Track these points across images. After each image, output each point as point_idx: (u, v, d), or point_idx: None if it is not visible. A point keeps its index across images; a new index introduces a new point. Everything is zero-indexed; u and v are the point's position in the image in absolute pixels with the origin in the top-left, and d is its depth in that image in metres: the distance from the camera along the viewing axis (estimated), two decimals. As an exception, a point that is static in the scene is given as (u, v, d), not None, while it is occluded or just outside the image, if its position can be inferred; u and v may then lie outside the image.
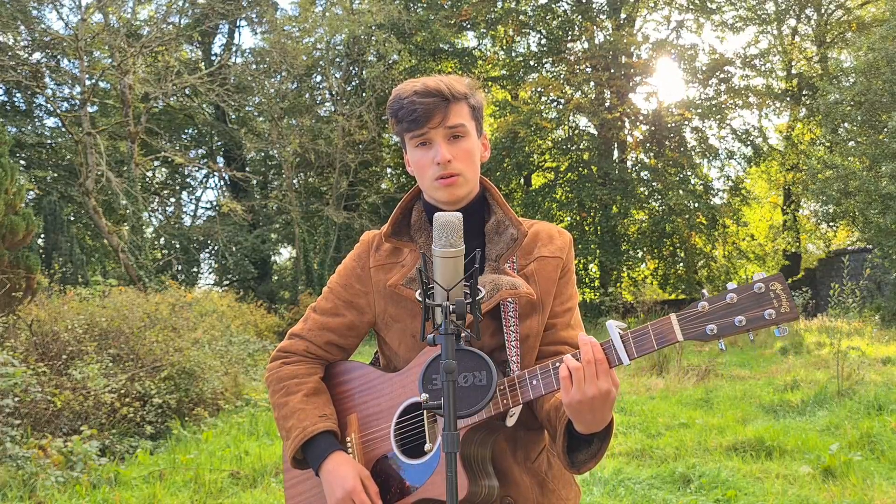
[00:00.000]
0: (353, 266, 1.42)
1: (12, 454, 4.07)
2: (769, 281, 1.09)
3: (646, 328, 1.15)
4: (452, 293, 1.18)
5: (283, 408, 1.38)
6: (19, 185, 6.50)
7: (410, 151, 1.34)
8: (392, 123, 1.35)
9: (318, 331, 1.43)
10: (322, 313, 1.44)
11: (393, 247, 1.39)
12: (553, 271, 1.39)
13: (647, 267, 19.87)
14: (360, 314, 1.41)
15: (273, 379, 1.43)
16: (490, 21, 19.52)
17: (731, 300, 1.10)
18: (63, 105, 17.59)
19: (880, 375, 7.15)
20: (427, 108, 1.28)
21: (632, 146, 19.54)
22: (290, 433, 1.35)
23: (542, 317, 1.36)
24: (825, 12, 20.45)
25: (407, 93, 1.30)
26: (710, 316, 1.11)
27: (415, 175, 1.37)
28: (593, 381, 1.13)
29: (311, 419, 1.34)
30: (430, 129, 1.29)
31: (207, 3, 17.21)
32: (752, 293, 1.09)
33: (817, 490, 3.85)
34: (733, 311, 1.09)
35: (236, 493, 4.15)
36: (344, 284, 1.42)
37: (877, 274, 14.75)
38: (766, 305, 1.08)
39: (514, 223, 1.36)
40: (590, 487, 3.97)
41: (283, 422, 1.37)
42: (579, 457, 1.24)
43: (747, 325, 1.08)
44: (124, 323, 6.15)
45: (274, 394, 1.41)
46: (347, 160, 18.04)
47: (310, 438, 1.33)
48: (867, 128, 14.96)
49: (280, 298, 18.79)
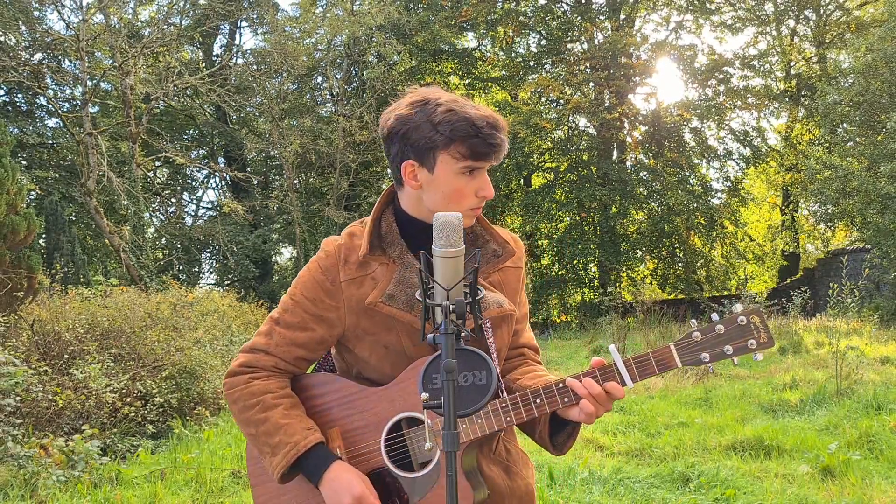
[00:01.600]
0: (322, 279, 1.35)
1: (14, 453, 4.08)
2: (749, 314, 1.30)
3: (647, 355, 1.31)
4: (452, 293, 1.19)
5: (262, 424, 1.33)
6: (21, 186, 6.52)
7: (448, 174, 1.28)
8: (441, 139, 1.26)
9: (287, 346, 1.37)
10: (288, 327, 1.37)
11: (360, 259, 1.34)
12: (516, 282, 1.45)
13: (646, 267, 19.89)
14: (329, 328, 1.36)
15: (243, 395, 1.36)
16: (490, 22, 19.54)
17: (720, 331, 1.30)
18: (64, 105, 17.62)
19: (879, 375, 7.16)
20: (502, 144, 1.29)
21: (631, 146, 19.56)
22: (278, 449, 1.31)
23: (511, 327, 1.43)
24: (824, 13, 20.47)
25: (480, 120, 1.26)
26: (703, 345, 1.30)
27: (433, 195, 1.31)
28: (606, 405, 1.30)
29: (299, 433, 1.32)
30: (489, 163, 1.31)
31: (208, 4, 17.24)
32: (736, 325, 1.29)
33: (816, 489, 3.86)
34: (722, 341, 1.30)
35: (237, 492, 4.17)
36: (312, 298, 1.35)
37: (875, 274, 14.76)
38: (749, 336, 1.29)
39: (498, 240, 1.41)
40: (589, 487, 3.99)
41: (267, 437, 1.33)
42: (559, 439, 1.39)
43: (734, 353, 1.29)
44: (126, 323, 6.17)
45: (247, 409, 1.35)
46: (348, 160, 18.05)
47: (303, 453, 1.31)
48: (866, 128, 14.97)
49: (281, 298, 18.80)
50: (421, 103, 1.29)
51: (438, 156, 1.28)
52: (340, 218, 17.65)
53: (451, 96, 1.32)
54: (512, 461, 1.45)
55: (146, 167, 17.78)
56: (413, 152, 1.29)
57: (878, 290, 14.88)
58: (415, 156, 1.29)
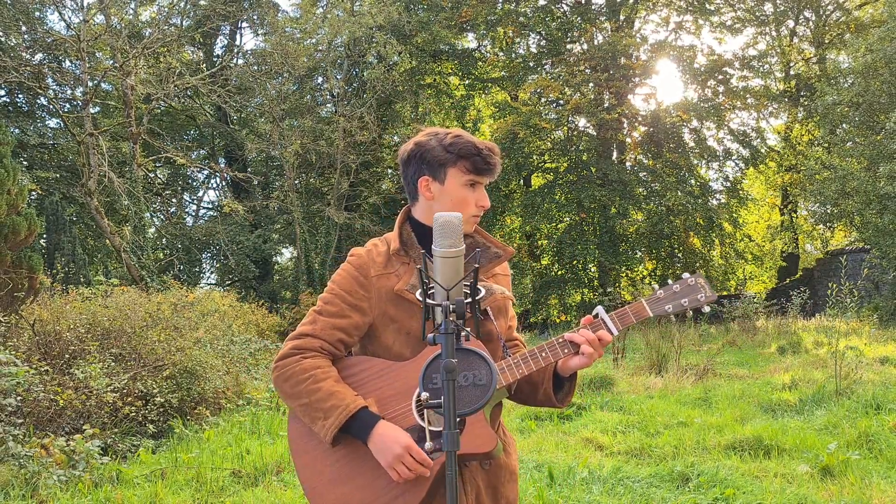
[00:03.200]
0: (356, 274, 1.63)
1: (15, 453, 4.08)
2: (696, 277, 1.68)
3: (625, 309, 1.64)
4: (452, 293, 1.20)
5: (315, 393, 1.54)
6: (21, 186, 6.53)
7: (456, 185, 1.61)
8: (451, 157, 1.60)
9: (330, 330, 1.61)
10: (330, 316, 1.62)
11: (386, 260, 1.63)
12: (507, 285, 1.75)
13: (645, 267, 19.89)
14: (363, 315, 1.61)
15: (296, 371, 1.57)
16: (490, 22, 19.54)
17: (676, 289, 1.66)
18: (65, 106, 17.62)
19: (878, 375, 7.17)
20: (497, 164, 1.64)
21: (630, 147, 19.57)
22: (331, 413, 1.52)
23: (507, 321, 1.71)
24: (823, 14, 20.48)
25: (481, 144, 1.62)
26: (666, 300, 1.66)
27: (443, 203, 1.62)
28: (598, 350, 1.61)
29: (349, 398, 1.53)
30: (487, 179, 1.64)
31: (209, 4, 17.26)
32: (687, 285, 1.67)
33: (815, 489, 3.87)
34: (679, 296, 1.66)
35: (238, 492, 4.18)
36: (348, 290, 1.62)
37: (874, 274, 14.76)
38: (698, 292, 1.66)
39: (497, 245, 1.71)
40: (589, 486, 4.00)
41: (320, 403, 1.53)
42: (559, 395, 1.68)
43: (689, 304, 1.64)
44: (126, 322, 6.17)
45: (300, 383, 1.56)
46: (348, 161, 18.06)
47: (353, 414, 1.51)
48: (865, 129, 14.98)
49: (281, 298, 18.80)
50: (433, 133, 1.66)
51: (448, 170, 1.61)
52: (341, 218, 17.66)
53: (458, 131, 1.68)
54: (507, 442, 1.71)
55: (147, 167, 17.79)
56: (428, 169, 1.63)
57: (877, 291, 14.88)
58: (429, 172, 1.63)
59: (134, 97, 14.63)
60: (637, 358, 9.35)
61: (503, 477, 1.64)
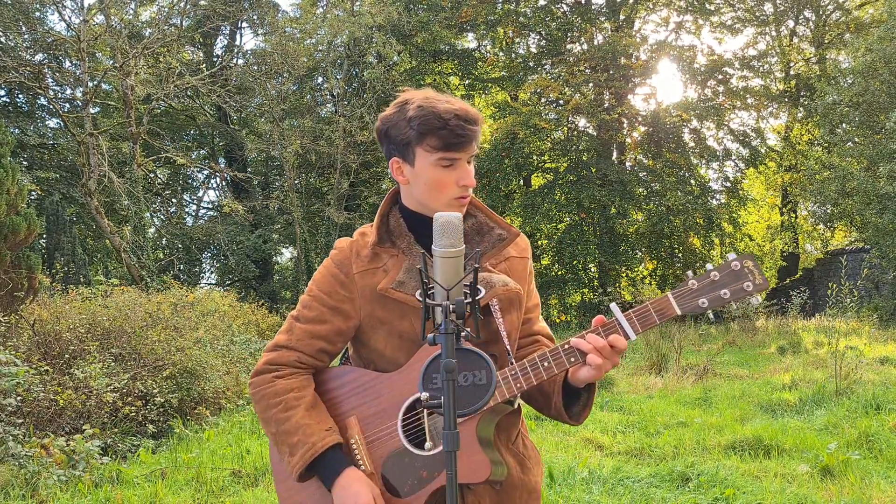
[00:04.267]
0: (336, 272, 1.42)
1: (15, 453, 4.08)
2: (742, 259, 1.32)
3: (646, 307, 1.33)
4: (452, 293, 1.20)
5: (283, 423, 1.38)
6: (21, 186, 6.53)
7: (427, 167, 1.34)
8: (416, 134, 1.32)
9: (308, 339, 1.42)
10: (307, 322, 1.43)
11: (373, 253, 1.41)
12: (523, 271, 1.50)
13: (645, 267, 19.89)
14: (346, 319, 1.41)
15: (267, 394, 1.41)
16: (490, 22, 19.54)
17: (715, 277, 1.31)
18: (65, 106, 17.61)
19: (878, 375, 7.17)
20: (470, 134, 1.33)
21: (630, 147, 19.57)
22: (296, 449, 1.36)
23: (520, 312, 1.47)
24: (823, 14, 20.47)
25: (447, 113, 1.31)
26: (701, 291, 1.32)
27: (418, 187, 1.37)
28: (611, 358, 1.33)
29: (317, 434, 1.36)
30: (464, 153, 1.35)
31: (209, 4, 17.25)
32: (731, 271, 1.31)
33: (815, 489, 3.87)
34: (718, 286, 1.31)
35: (238, 492, 4.17)
36: (328, 292, 1.42)
37: (875, 274, 14.76)
38: (744, 280, 1.30)
39: (502, 225, 1.46)
40: (589, 486, 3.99)
41: (286, 437, 1.37)
42: (574, 409, 1.43)
43: (731, 296, 1.30)
44: (126, 322, 6.17)
45: (269, 408, 1.40)
46: (348, 161, 18.06)
47: (318, 456, 1.35)
48: (865, 128, 14.98)
49: (281, 298, 18.81)
50: (401, 103, 1.37)
51: (415, 150, 1.35)
52: (341, 218, 17.65)
53: (427, 94, 1.36)
54: (527, 456, 1.49)
55: (147, 167, 17.78)
56: (396, 149, 1.37)
57: (877, 290, 14.88)
58: (398, 152, 1.38)
59: (134, 97, 14.63)
60: (637, 358, 9.35)
61: (519, 497, 1.43)
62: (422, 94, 1.37)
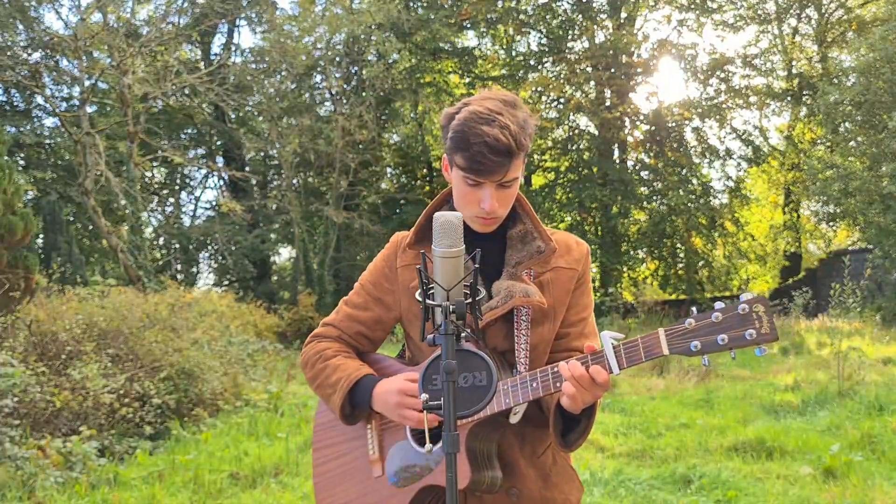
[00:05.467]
0: (382, 265, 1.51)
1: (11, 454, 4.06)
2: (753, 302, 1.17)
3: (636, 341, 1.24)
4: (452, 293, 1.17)
5: (323, 371, 1.48)
6: (17, 185, 6.49)
7: (458, 178, 1.35)
8: (450, 147, 1.33)
9: (349, 321, 1.54)
10: (353, 306, 1.54)
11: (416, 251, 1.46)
12: (568, 282, 1.44)
13: (647, 267, 19.87)
14: (387, 310, 1.50)
15: (310, 354, 1.53)
16: (490, 20, 19.50)
17: (717, 319, 1.18)
18: (62, 105, 17.59)
19: (881, 376, 7.14)
20: (493, 167, 1.29)
21: (632, 146, 19.54)
22: (336, 385, 1.45)
23: (554, 325, 1.43)
24: (826, 12, 20.44)
25: (476, 139, 1.27)
26: (696, 333, 1.20)
27: (454, 192, 1.40)
28: (591, 390, 1.26)
29: (352, 368, 1.46)
30: (487, 180, 1.32)
31: (207, 2, 17.20)
32: (735, 314, 1.17)
33: (818, 490, 3.84)
34: (717, 330, 1.18)
35: (235, 494, 4.14)
36: (374, 282, 1.52)
37: (877, 274, 14.74)
38: (748, 326, 1.15)
39: (544, 238, 1.43)
40: (590, 488, 3.96)
41: (326, 380, 1.47)
42: (571, 436, 1.37)
43: (729, 343, 1.16)
44: (123, 323, 6.14)
45: (313, 365, 1.51)
46: (347, 160, 18.02)
47: (355, 383, 1.44)
48: (867, 128, 14.94)
49: (279, 298, 18.78)
50: (459, 107, 1.36)
51: (453, 158, 1.35)
52: (340, 218, 17.62)
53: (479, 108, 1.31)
54: (555, 472, 1.45)
55: (144, 167, 17.75)
56: (447, 149, 1.38)
57: (881, 291, 14.85)
58: (447, 152, 1.39)
59: (131, 96, 14.58)
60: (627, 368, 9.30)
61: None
62: (476, 106, 1.31)
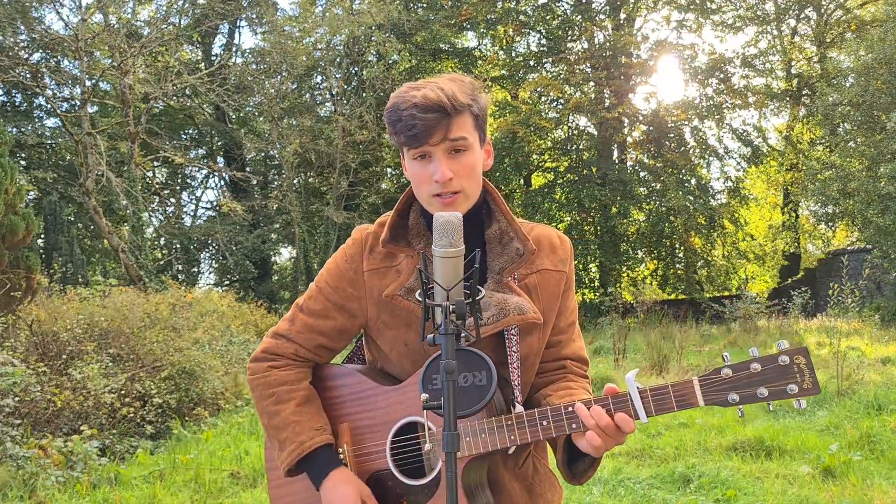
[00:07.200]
0: (346, 268, 1.33)
1: (12, 454, 4.07)
2: (793, 354, 1.12)
3: (666, 389, 1.16)
4: (452, 293, 1.18)
5: (274, 417, 1.33)
6: (19, 186, 6.50)
7: (408, 161, 1.26)
8: (389, 132, 1.25)
9: (308, 334, 1.35)
10: (310, 315, 1.35)
11: (387, 251, 1.31)
12: (556, 286, 1.35)
13: (646, 267, 19.87)
14: (351, 318, 1.34)
15: (261, 384, 1.36)
16: (490, 21, 19.51)
17: (755, 370, 1.12)
18: (63, 105, 17.57)
19: (880, 375, 7.15)
20: (427, 124, 1.19)
21: (631, 146, 19.55)
22: (285, 445, 1.31)
23: (544, 334, 1.34)
24: (825, 12, 20.45)
25: (406, 104, 1.20)
26: (734, 384, 1.13)
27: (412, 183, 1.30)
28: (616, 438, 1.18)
29: (307, 433, 1.30)
30: (430, 146, 1.22)
31: (207, 3, 17.21)
32: (776, 365, 1.12)
33: (817, 490, 3.85)
34: (756, 382, 1.12)
35: (236, 493, 4.16)
36: (335, 287, 1.33)
37: (876, 274, 14.76)
38: (790, 380, 1.11)
39: (520, 237, 1.30)
40: (589, 487, 3.97)
41: (276, 432, 1.33)
42: (579, 467, 1.28)
43: (769, 397, 1.11)
44: (124, 323, 6.15)
45: (262, 399, 1.35)
46: (348, 160, 18.03)
47: (306, 454, 1.30)
48: (866, 128, 14.96)
49: (280, 298, 18.79)
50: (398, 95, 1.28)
51: (394, 141, 1.27)
52: (340, 218, 17.63)
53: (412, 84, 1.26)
54: (538, 481, 1.38)
55: (145, 167, 17.76)
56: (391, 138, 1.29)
57: (879, 291, 14.87)
58: (393, 142, 1.29)
59: (132, 96, 14.59)
60: (638, 358, 9.33)
61: None
62: (409, 84, 1.26)
